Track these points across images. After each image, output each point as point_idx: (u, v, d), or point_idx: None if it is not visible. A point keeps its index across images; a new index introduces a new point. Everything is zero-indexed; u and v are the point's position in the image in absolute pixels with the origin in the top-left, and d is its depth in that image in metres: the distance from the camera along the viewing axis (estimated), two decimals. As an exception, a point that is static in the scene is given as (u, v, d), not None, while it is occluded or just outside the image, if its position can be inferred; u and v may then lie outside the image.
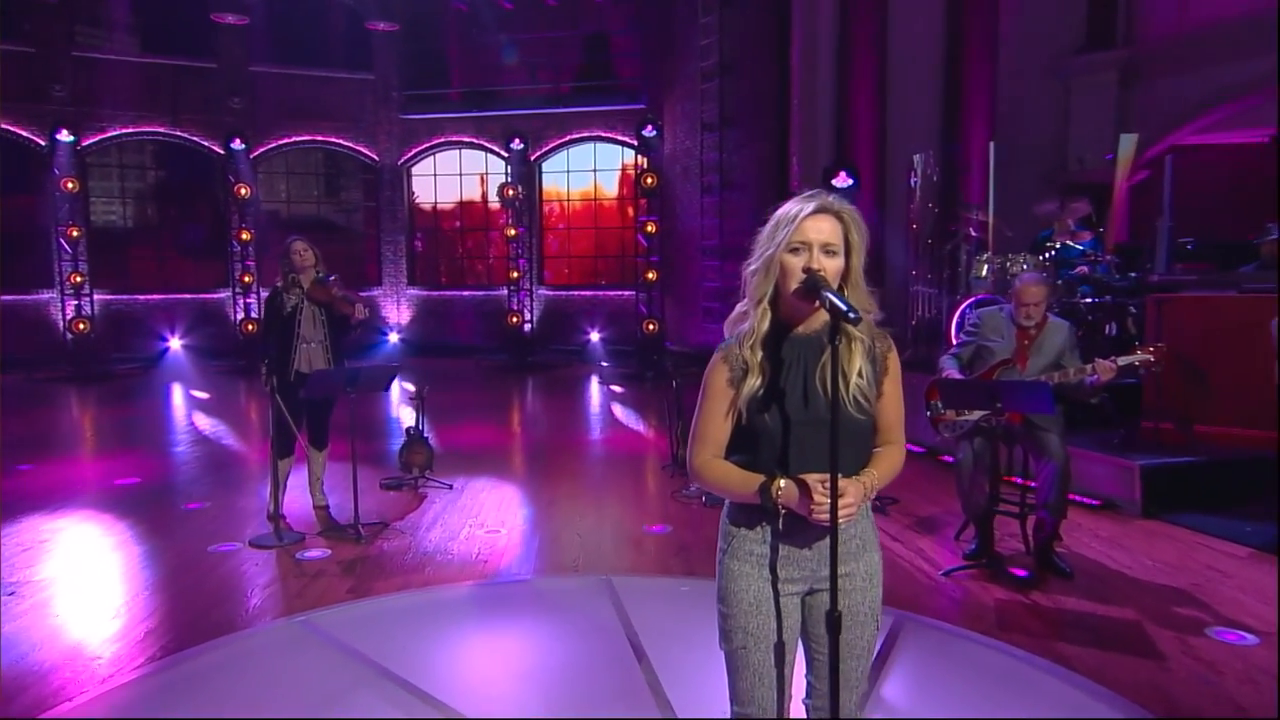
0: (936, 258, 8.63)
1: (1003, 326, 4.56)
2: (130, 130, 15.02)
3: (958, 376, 4.52)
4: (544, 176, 16.72)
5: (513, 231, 15.10)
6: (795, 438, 1.90)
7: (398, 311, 16.93)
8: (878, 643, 3.60)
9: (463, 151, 16.88)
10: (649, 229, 13.82)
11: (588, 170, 16.64)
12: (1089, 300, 7.24)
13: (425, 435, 6.65)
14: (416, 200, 17.24)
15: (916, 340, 8.46)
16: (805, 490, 1.83)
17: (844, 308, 1.72)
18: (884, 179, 9.78)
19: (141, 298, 15.35)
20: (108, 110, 14.59)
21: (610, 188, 16.76)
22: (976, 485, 4.51)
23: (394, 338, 16.53)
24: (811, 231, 1.87)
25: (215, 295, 15.69)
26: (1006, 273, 7.29)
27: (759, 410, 1.92)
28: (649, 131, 13.68)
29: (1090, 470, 5.86)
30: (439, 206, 17.33)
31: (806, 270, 1.85)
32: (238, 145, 14.59)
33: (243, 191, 14.48)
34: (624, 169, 16.30)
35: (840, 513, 1.80)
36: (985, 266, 7.65)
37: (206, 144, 15.35)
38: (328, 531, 5.35)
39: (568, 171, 16.68)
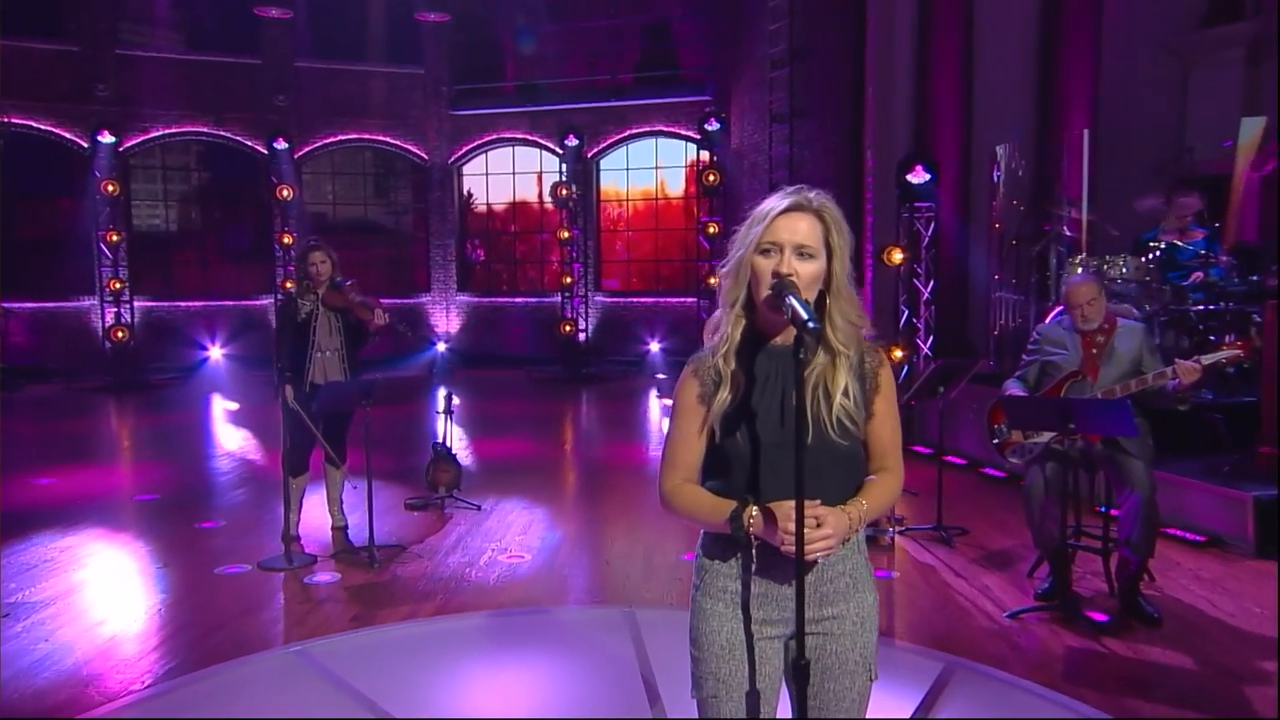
0: (1023, 260, 8.34)
1: (1064, 338, 4.38)
2: (173, 130, 15.64)
3: (1022, 395, 4.36)
4: (601, 175, 16.82)
5: (566, 234, 15.18)
6: (768, 461, 1.83)
7: (447, 320, 17.21)
8: (922, 691, 3.54)
9: (516, 149, 17.09)
10: (711, 230, 13.76)
11: (649, 168, 16.66)
12: (1202, 308, 6.90)
13: (452, 452, 6.72)
14: (473, 201, 17.51)
15: (1000, 352, 8.19)
16: (774, 519, 1.76)
17: (804, 316, 1.64)
18: (968, 174, 9.49)
19: (183, 304, 15.94)
20: (150, 110, 15.20)
21: (675, 186, 16.76)
22: (1048, 515, 4.33)
23: (442, 347, 16.81)
24: (784, 231, 1.81)
25: (258, 302, 16.18)
26: (1104, 276, 6.99)
27: (730, 430, 1.86)
28: (713, 125, 13.63)
29: (1194, 501, 5.57)
30: (492, 208, 17.58)
31: (776, 274, 1.78)
32: (281, 145, 15.06)
33: (285, 193, 14.93)
34: (689, 166, 16.27)
35: (817, 545, 1.73)
36: (1079, 270, 7.35)
37: (250, 144, 15.89)
38: (341, 554, 5.44)
39: (627, 169, 16.74)
